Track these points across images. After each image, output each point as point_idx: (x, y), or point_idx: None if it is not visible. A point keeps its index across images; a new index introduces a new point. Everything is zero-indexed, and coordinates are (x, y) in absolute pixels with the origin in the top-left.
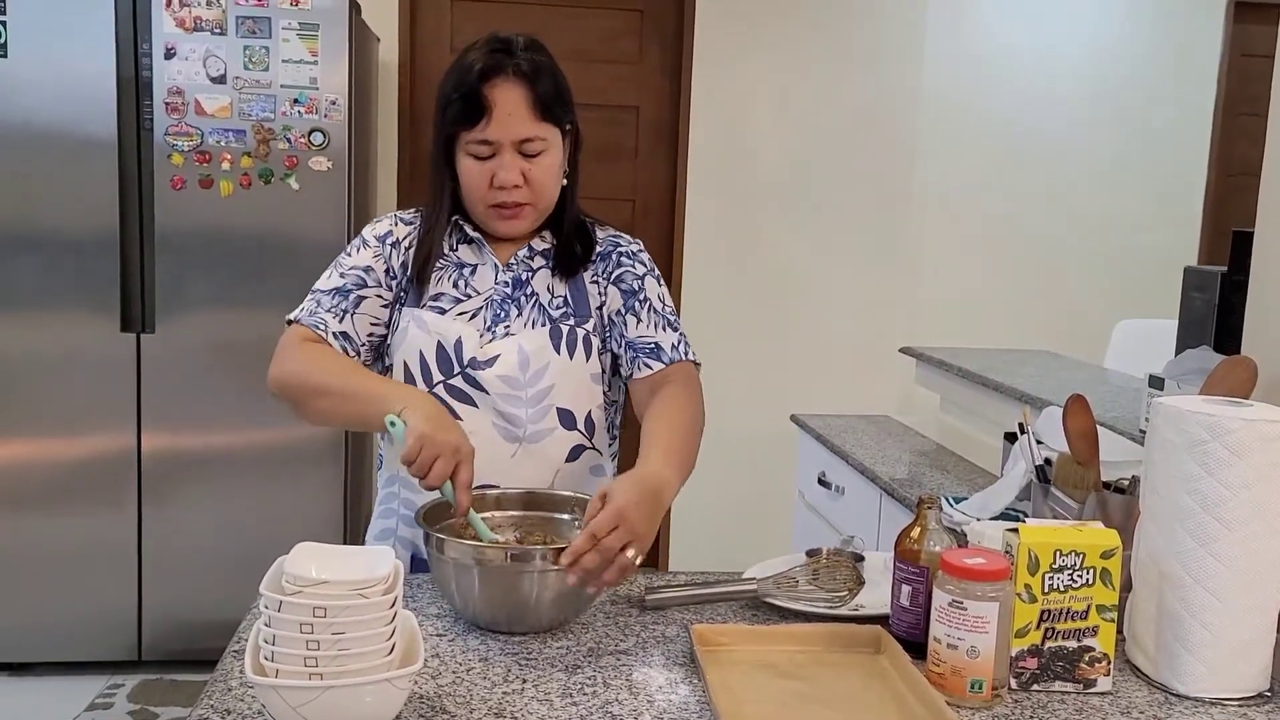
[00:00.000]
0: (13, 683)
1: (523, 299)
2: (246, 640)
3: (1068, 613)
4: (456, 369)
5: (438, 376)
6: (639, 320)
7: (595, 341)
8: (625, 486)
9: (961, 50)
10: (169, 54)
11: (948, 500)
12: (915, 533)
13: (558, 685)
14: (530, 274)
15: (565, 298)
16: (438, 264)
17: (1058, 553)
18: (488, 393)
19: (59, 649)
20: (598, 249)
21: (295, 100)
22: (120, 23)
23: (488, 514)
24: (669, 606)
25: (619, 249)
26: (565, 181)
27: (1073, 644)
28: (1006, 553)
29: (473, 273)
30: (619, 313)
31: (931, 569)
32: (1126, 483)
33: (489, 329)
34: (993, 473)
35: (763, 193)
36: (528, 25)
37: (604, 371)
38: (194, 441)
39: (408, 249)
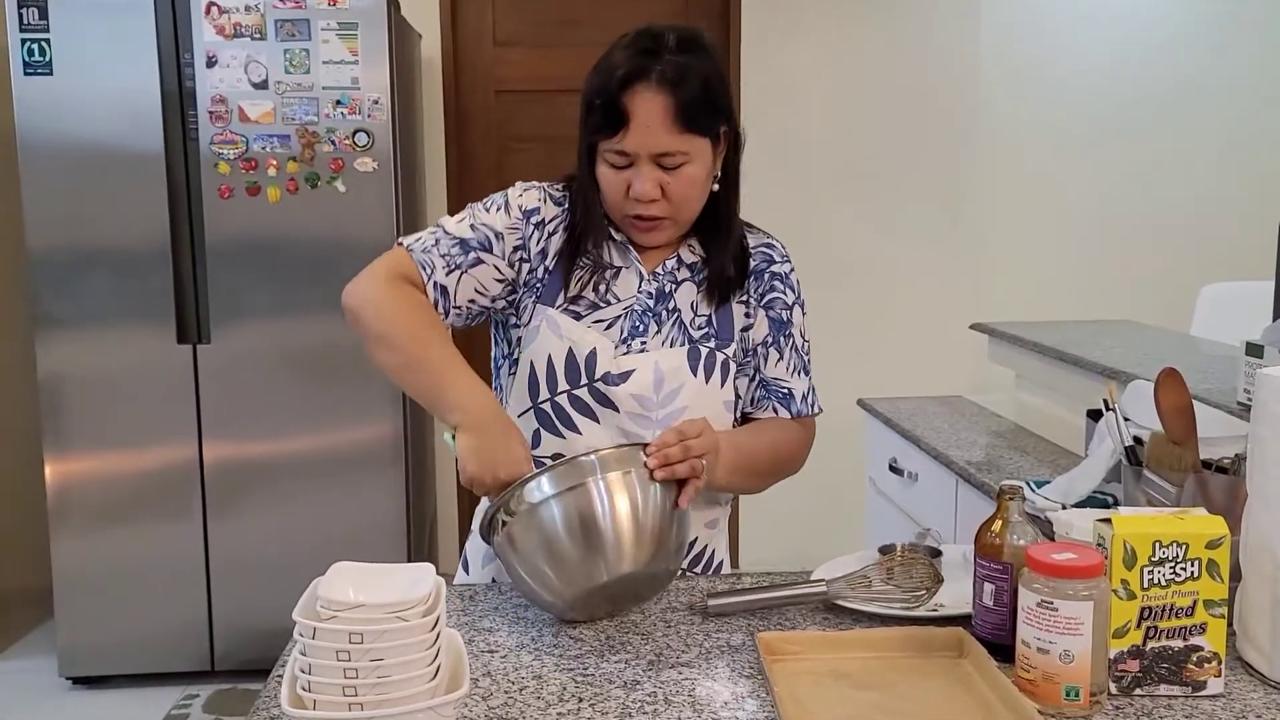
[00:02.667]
0: (91, 695)
1: (664, 313)
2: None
3: (1171, 609)
4: (584, 380)
5: (563, 385)
6: (780, 358)
7: (733, 367)
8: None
9: (1021, 14)
10: (210, 62)
11: (1029, 485)
12: (997, 526)
13: (616, 704)
14: (674, 286)
15: (710, 318)
16: (581, 262)
17: (1157, 544)
18: (617, 410)
19: (135, 661)
20: (751, 265)
21: (338, 102)
22: (161, 34)
23: None
24: (733, 613)
25: (771, 267)
26: (717, 188)
27: (1178, 643)
28: (1099, 545)
29: (615, 276)
30: (764, 344)
31: (1016, 565)
32: (1229, 462)
33: (624, 341)
34: (1076, 453)
35: (818, 174)
36: (571, 13)
37: (738, 399)
38: (255, 450)
39: (550, 234)
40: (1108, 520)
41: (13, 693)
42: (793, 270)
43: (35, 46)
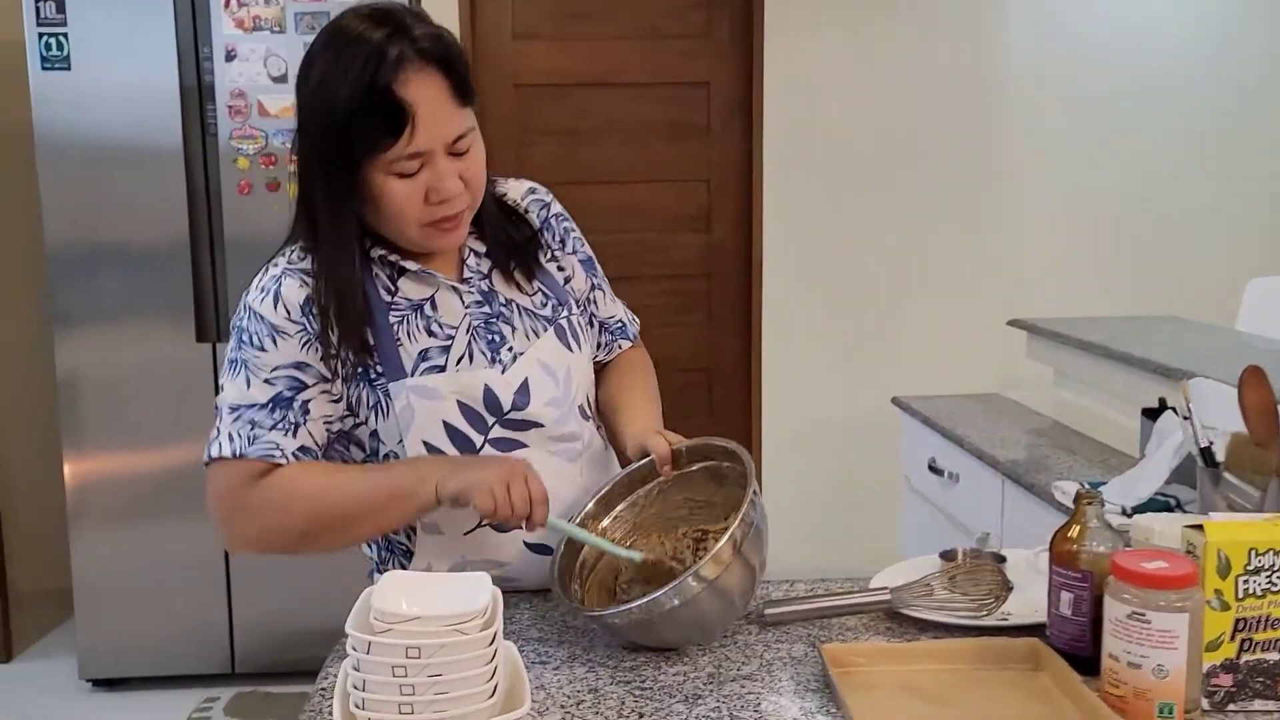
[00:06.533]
0: (112, 698)
1: (505, 312)
2: (333, 677)
3: (1267, 620)
4: (492, 420)
5: (476, 439)
6: (604, 294)
7: (583, 322)
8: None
9: (1052, 1)
10: (229, 56)
11: (1084, 487)
12: (1074, 531)
13: None
14: (489, 283)
15: (542, 290)
16: (391, 317)
17: (1253, 552)
18: (541, 425)
19: (155, 663)
20: (529, 216)
21: None
22: (180, 27)
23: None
24: (791, 622)
25: (551, 210)
26: None
27: (1274, 656)
28: (1189, 553)
29: (433, 307)
30: (590, 288)
31: (1096, 573)
32: None
33: (494, 361)
34: (1125, 452)
35: (845, 168)
36: (590, 7)
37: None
38: None
39: (325, 303)
40: (1198, 526)
41: (33, 695)
42: (554, 198)
43: (53, 41)
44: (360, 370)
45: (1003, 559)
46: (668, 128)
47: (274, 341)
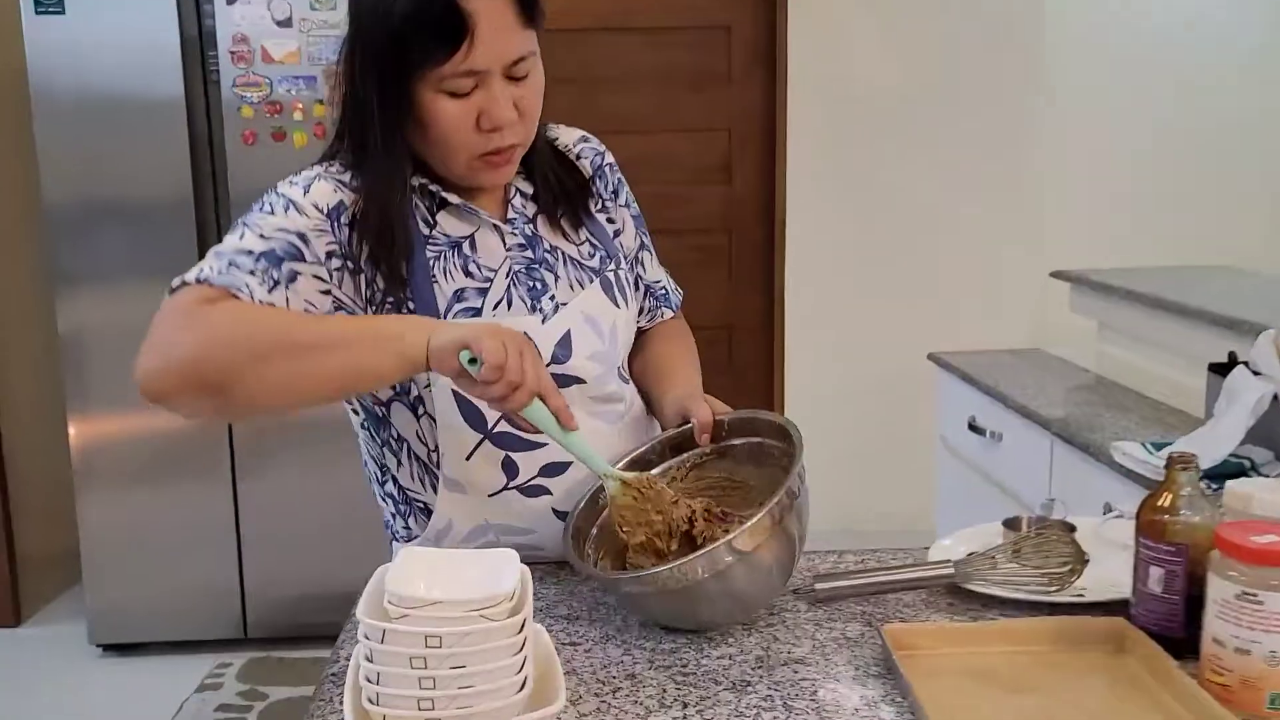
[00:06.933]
0: (124, 663)
1: (550, 259)
2: (344, 659)
3: None
4: None
5: None
6: (652, 256)
7: (630, 280)
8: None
9: None
10: (231, 0)
11: (1146, 447)
12: (1165, 500)
13: (727, 711)
14: (534, 227)
15: (590, 240)
16: (428, 252)
17: None
18: (583, 381)
19: (166, 629)
20: (581, 163)
21: None
22: None
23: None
24: (844, 598)
25: (605, 159)
26: None
27: None
28: None
29: (472, 247)
30: (640, 247)
31: (1191, 547)
32: None
33: (534, 309)
34: (1182, 410)
35: (873, 117)
36: None
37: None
38: None
39: (365, 230)
40: None
41: (43, 660)
42: (606, 148)
43: None
44: (391, 303)
45: (1072, 528)
46: (687, 74)
47: (286, 211)
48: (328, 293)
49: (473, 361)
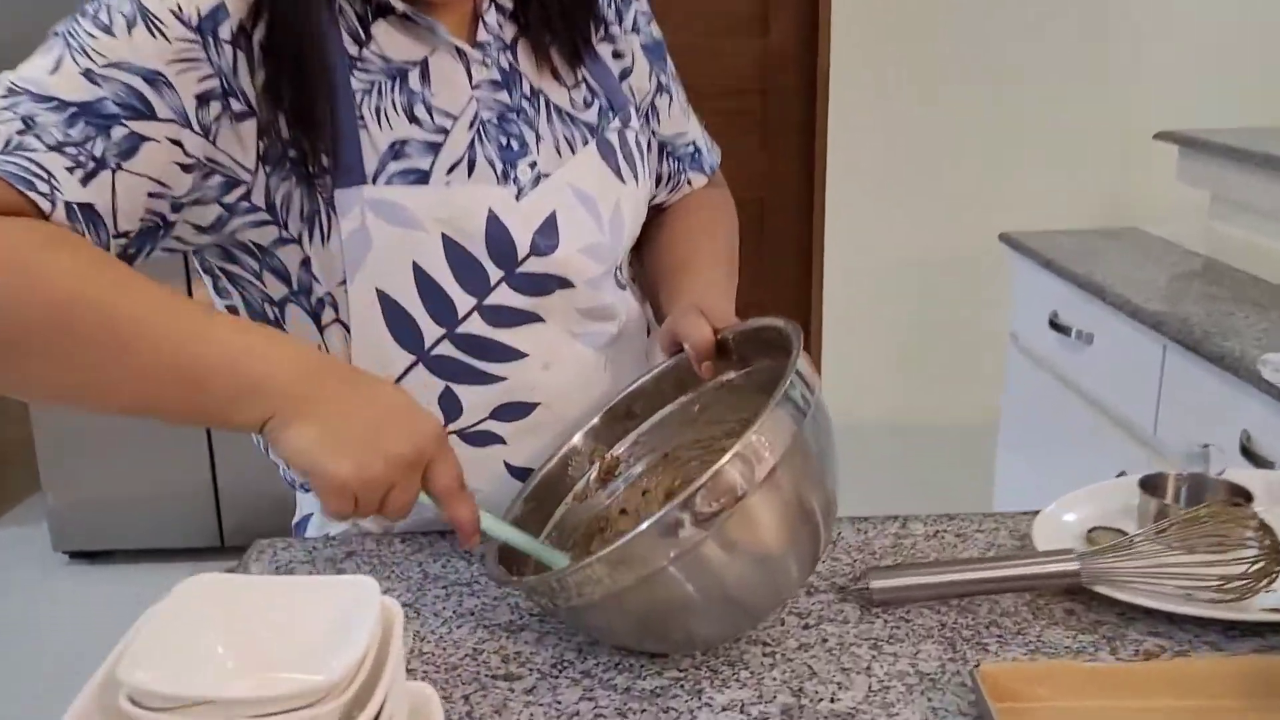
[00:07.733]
0: (95, 571)
1: (530, 108)
2: None
3: None
4: (497, 273)
5: (462, 303)
6: (671, 99)
7: (643, 141)
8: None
9: None
10: None
11: None
12: None
13: None
14: (511, 57)
15: (587, 82)
16: (354, 81)
17: None
18: (572, 285)
19: (137, 536)
20: None
21: None
22: None
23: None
24: (911, 602)
25: None
26: None
27: None
28: None
29: (423, 78)
30: (655, 90)
31: None
32: None
33: (506, 177)
34: None
35: None
36: None
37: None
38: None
39: (260, 46)
40: None
41: (8, 566)
42: None
43: None
44: (292, 159)
45: (1246, 494)
46: None
47: (132, 29)
48: (190, 166)
49: None
